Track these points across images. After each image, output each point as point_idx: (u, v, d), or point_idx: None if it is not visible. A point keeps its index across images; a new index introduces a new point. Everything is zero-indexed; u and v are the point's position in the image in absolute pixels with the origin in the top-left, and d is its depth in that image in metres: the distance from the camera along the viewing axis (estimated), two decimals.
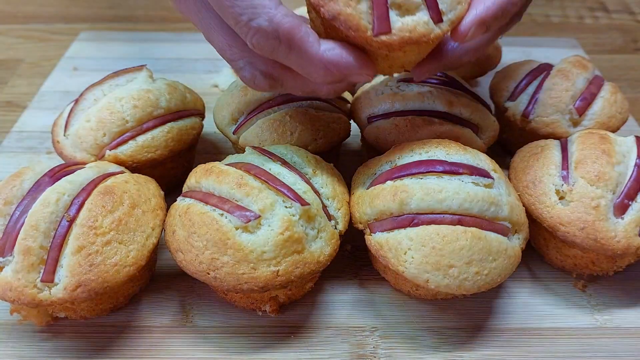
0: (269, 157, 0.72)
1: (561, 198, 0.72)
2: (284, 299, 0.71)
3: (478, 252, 0.64)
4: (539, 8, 1.54)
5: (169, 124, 0.82)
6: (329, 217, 0.70)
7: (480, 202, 0.66)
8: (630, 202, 0.70)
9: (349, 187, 0.76)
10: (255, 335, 0.70)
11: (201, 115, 0.90)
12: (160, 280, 0.77)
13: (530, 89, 0.91)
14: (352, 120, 0.90)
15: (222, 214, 0.65)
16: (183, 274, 0.68)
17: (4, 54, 1.29)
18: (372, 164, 0.75)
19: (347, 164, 0.94)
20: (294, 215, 0.65)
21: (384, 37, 0.59)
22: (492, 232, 0.66)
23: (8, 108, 1.11)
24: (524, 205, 0.73)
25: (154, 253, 0.74)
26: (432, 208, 0.65)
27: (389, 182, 0.69)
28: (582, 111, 0.87)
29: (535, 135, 0.88)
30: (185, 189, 0.72)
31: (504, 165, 0.79)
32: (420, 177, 0.68)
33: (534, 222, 0.74)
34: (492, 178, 0.69)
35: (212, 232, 0.64)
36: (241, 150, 0.82)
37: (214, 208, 0.66)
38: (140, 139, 0.80)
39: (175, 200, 0.72)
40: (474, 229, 0.65)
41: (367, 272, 0.78)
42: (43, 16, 1.46)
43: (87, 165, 0.74)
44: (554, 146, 0.78)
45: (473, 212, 0.66)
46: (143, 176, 0.76)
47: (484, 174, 0.68)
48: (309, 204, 0.66)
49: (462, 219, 0.65)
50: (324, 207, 0.70)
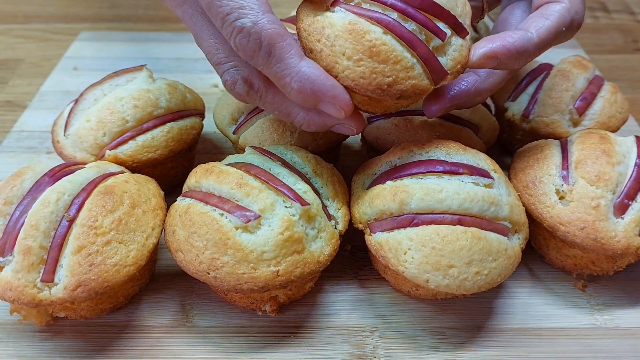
0: (269, 157, 0.72)
1: (561, 198, 0.72)
2: (284, 299, 0.71)
3: (478, 252, 0.64)
4: None
5: (169, 124, 0.82)
6: (329, 217, 0.70)
7: (480, 202, 0.66)
8: (630, 202, 0.70)
9: (349, 187, 0.76)
10: (255, 335, 0.70)
11: (201, 115, 0.90)
12: (160, 280, 0.77)
13: (530, 89, 0.91)
14: None
15: (222, 214, 0.65)
16: (183, 273, 0.68)
17: (4, 54, 1.29)
18: (372, 164, 0.75)
19: (347, 164, 0.94)
20: (294, 215, 0.65)
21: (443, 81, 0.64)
22: (492, 232, 0.66)
23: (8, 108, 1.11)
24: (524, 205, 0.73)
25: (154, 253, 0.74)
26: (432, 208, 0.65)
27: (389, 182, 0.69)
28: (582, 111, 0.87)
29: (536, 135, 0.88)
30: (185, 188, 0.72)
31: (504, 165, 0.79)
32: (420, 177, 0.68)
33: (534, 222, 0.74)
34: (492, 178, 0.69)
35: (212, 232, 0.64)
36: (241, 150, 0.82)
37: (214, 208, 0.66)
38: (141, 138, 0.80)
39: (175, 200, 0.72)
40: (474, 229, 0.65)
41: (367, 272, 0.78)
42: (43, 16, 1.46)
43: (87, 165, 0.74)
44: (554, 146, 0.78)
45: (473, 212, 0.66)
46: (143, 176, 0.76)
47: (484, 174, 0.68)
48: (309, 204, 0.66)
49: (462, 219, 0.65)
50: (324, 207, 0.70)
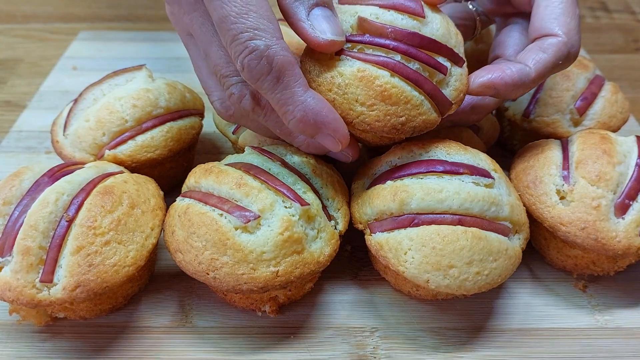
0: (269, 157, 0.71)
1: (562, 198, 0.72)
2: (283, 299, 0.71)
3: (478, 252, 0.63)
4: None
5: (168, 124, 0.82)
6: (329, 217, 0.70)
7: (480, 202, 0.65)
8: (631, 202, 0.70)
9: (349, 187, 0.76)
10: (254, 335, 0.70)
11: (201, 115, 0.90)
12: (160, 280, 0.77)
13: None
14: None
15: (221, 214, 0.65)
16: (182, 274, 0.68)
17: (3, 54, 1.29)
18: (372, 164, 0.75)
19: (347, 164, 0.94)
20: (293, 216, 0.65)
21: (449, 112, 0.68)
22: (493, 232, 0.66)
23: (7, 108, 1.11)
24: (524, 205, 0.73)
25: (154, 253, 0.74)
26: (432, 208, 0.65)
27: (389, 182, 0.69)
28: (582, 111, 0.87)
29: (536, 135, 0.88)
30: (184, 189, 0.72)
31: (505, 165, 0.79)
32: (421, 177, 0.68)
33: (535, 222, 0.74)
34: (493, 178, 0.69)
35: (211, 233, 0.64)
36: (241, 150, 0.81)
37: (213, 208, 0.66)
38: (140, 138, 0.80)
39: (175, 200, 0.72)
40: (474, 229, 0.64)
41: (367, 272, 0.78)
42: (42, 16, 1.46)
43: (86, 165, 0.74)
44: (554, 146, 0.78)
45: (473, 212, 0.65)
46: (142, 176, 0.76)
47: (484, 174, 0.68)
48: (308, 204, 0.66)
49: (462, 219, 0.65)
50: (324, 207, 0.70)
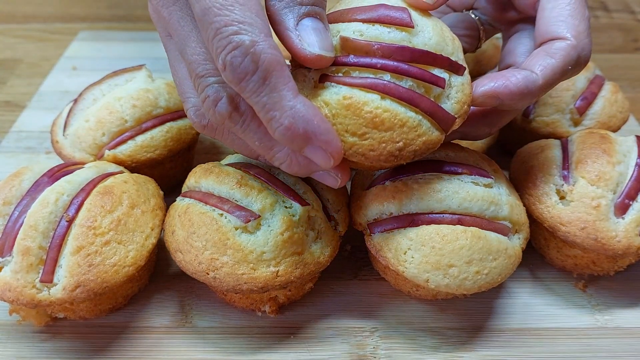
0: None
1: (562, 198, 0.72)
2: (283, 299, 0.71)
3: (478, 252, 0.63)
4: None
5: (168, 124, 0.82)
6: (329, 217, 0.70)
7: (480, 201, 0.65)
8: (630, 202, 0.70)
9: (349, 187, 0.76)
10: (254, 335, 0.70)
11: None
12: (160, 280, 0.77)
13: None
14: None
15: (221, 214, 0.65)
16: (182, 274, 0.68)
17: (3, 54, 1.29)
18: None
19: None
20: (293, 216, 0.65)
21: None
22: (492, 232, 0.66)
23: (7, 108, 1.11)
24: (524, 205, 0.73)
25: (153, 253, 0.74)
26: (431, 208, 0.65)
27: (388, 182, 0.69)
28: (582, 111, 0.87)
29: (536, 135, 0.88)
30: (184, 189, 0.72)
31: (505, 165, 0.79)
32: (420, 177, 0.68)
33: (535, 222, 0.74)
34: (492, 178, 0.69)
35: (211, 232, 0.64)
36: None
37: (213, 208, 0.66)
38: (140, 138, 0.80)
39: (175, 200, 0.72)
40: (473, 228, 0.64)
41: (367, 272, 0.78)
42: (42, 16, 1.46)
43: (86, 165, 0.74)
44: (554, 146, 0.78)
45: (473, 212, 0.65)
46: (142, 176, 0.76)
47: (483, 173, 0.68)
48: (308, 205, 0.66)
49: (462, 218, 0.65)
50: (324, 207, 0.69)
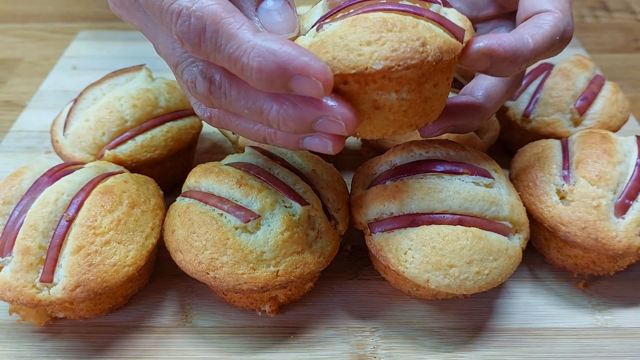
0: (269, 157, 0.71)
1: (562, 198, 0.72)
2: (283, 299, 0.71)
3: (479, 252, 0.63)
4: None
5: (168, 124, 0.82)
6: (329, 217, 0.70)
7: (480, 201, 0.65)
8: (631, 202, 0.70)
9: (349, 187, 0.76)
10: (254, 335, 0.70)
11: None
12: (160, 280, 0.77)
13: (531, 89, 0.91)
14: None
15: (221, 214, 0.65)
16: (182, 274, 0.68)
17: (3, 53, 1.29)
18: (372, 164, 0.74)
19: (347, 164, 0.94)
20: (293, 216, 0.65)
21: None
22: (493, 232, 0.65)
23: (7, 107, 1.11)
24: (524, 205, 0.72)
25: (154, 253, 0.74)
26: (432, 208, 0.65)
27: (389, 182, 0.69)
28: (583, 111, 0.87)
29: (536, 135, 0.88)
30: (184, 188, 0.72)
31: (505, 165, 0.79)
32: (421, 177, 0.68)
33: (535, 222, 0.74)
34: (493, 178, 0.68)
35: (211, 232, 0.64)
36: (241, 150, 0.81)
37: (213, 208, 0.66)
38: (140, 138, 0.80)
39: (175, 200, 0.72)
40: (474, 228, 0.64)
41: (367, 272, 0.78)
42: (42, 15, 1.46)
43: (86, 165, 0.74)
44: (554, 146, 0.78)
45: (473, 212, 0.65)
46: (142, 176, 0.76)
47: (484, 173, 0.68)
48: (308, 204, 0.66)
49: (462, 218, 0.65)
50: (324, 207, 0.69)
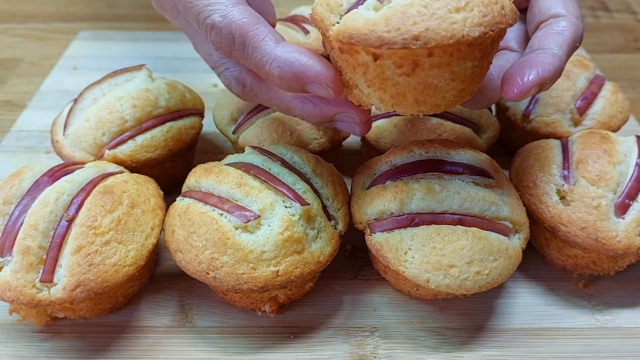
0: (269, 157, 0.71)
1: (562, 198, 0.72)
2: (283, 299, 0.71)
3: (479, 252, 0.63)
4: None
5: (168, 124, 0.82)
6: (329, 217, 0.70)
7: (480, 201, 0.65)
8: (631, 202, 0.70)
9: (349, 187, 0.76)
10: (254, 335, 0.70)
11: (200, 114, 0.90)
12: (160, 280, 0.76)
13: None
14: None
15: (221, 214, 0.65)
16: (182, 274, 0.68)
17: (3, 53, 1.29)
18: (372, 164, 0.75)
19: (347, 164, 0.94)
20: (293, 215, 0.65)
21: None
22: (493, 232, 0.65)
23: (7, 107, 1.11)
24: (524, 205, 0.73)
25: (154, 253, 0.74)
26: (432, 208, 0.65)
27: (389, 182, 0.69)
28: (583, 111, 0.87)
29: (536, 135, 0.88)
30: (184, 188, 0.72)
31: (505, 165, 0.79)
32: (421, 177, 0.68)
33: (535, 222, 0.74)
34: (493, 178, 0.69)
35: (211, 232, 0.64)
36: (241, 150, 0.81)
37: (213, 208, 0.66)
38: (140, 138, 0.80)
39: (175, 200, 0.72)
40: (474, 228, 0.64)
41: (367, 272, 0.78)
42: (42, 15, 1.46)
43: (86, 165, 0.74)
44: (554, 146, 0.78)
45: (474, 212, 0.65)
46: (142, 176, 0.76)
47: (484, 173, 0.68)
48: (308, 204, 0.66)
49: (462, 218, 0.65)
50: (324, 207, 0.69)
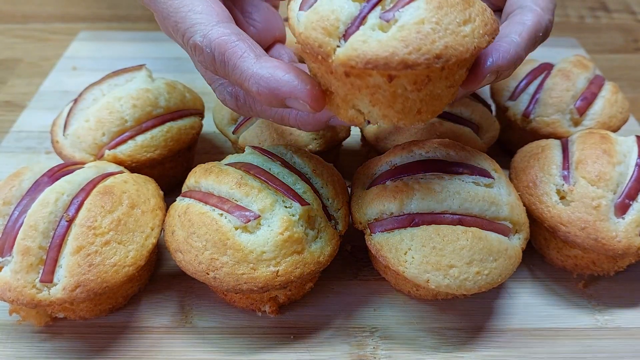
0: (269, 157, 0.71)
1: (562, 198, 0.72)
2: (283, 299, 0.71)
3: (479, 252, 0.63)
4: None
5: (168, 124, 0.82)
6: (329, 217, 0.70)
7: (480, 202, 0.65)
8: (631, 202, 0.70)
9: (349, 187, 0.76)
10: (254, 336, 0.70)
11: (200, 114, 0.90)
12: (160, 280, 0.76)
13: (531, 89, 0.91)
14: None
15: (221, 214, 0.65)
16: (182, 274, 0.68)
17: (3, 54, 1.29)
18: (372, 164, 0.75)
19: (347, 164, 0.94)
20: (293, 216, 0.65)
21: None
22: (493, 232, 0.65)
23: (7, 108, 1.11)
24: (524, 205, 0.73)
25: (153, 253, 0.74)
26: (432, 208, 0.65)
27: (389, 182, 0.69)
28: (582, 111, 0.87)
29: (536, 135, 0.88)
30: (184, 188, 0.72)
31: (505, 165, 0.79)
32: (421, 177, 0.68)
33: (535, 222, 0.74)
34: (493, 178, 0.69)
35: (211, 232, 0.64)
36: (241, 150, 0.81)
37: (213, 208, 0.66)
38: (140, 138, 0.80)
39: (175, 200, 0.72)
40: (474, 228, 0.64)
41: (367, 272, 0.78)
42: (42, 16, 1.46)
43: (86, 165, 0.74)
44: (554, 146, 0.78)
45: (473, 212, 0.65)
46: (142, 176, 0.76)
47: (484, 173, 0.68)
48: (308, 204, 0.66)
49: (462, 218, 0.65)
50: (324, 207, 0.69)
